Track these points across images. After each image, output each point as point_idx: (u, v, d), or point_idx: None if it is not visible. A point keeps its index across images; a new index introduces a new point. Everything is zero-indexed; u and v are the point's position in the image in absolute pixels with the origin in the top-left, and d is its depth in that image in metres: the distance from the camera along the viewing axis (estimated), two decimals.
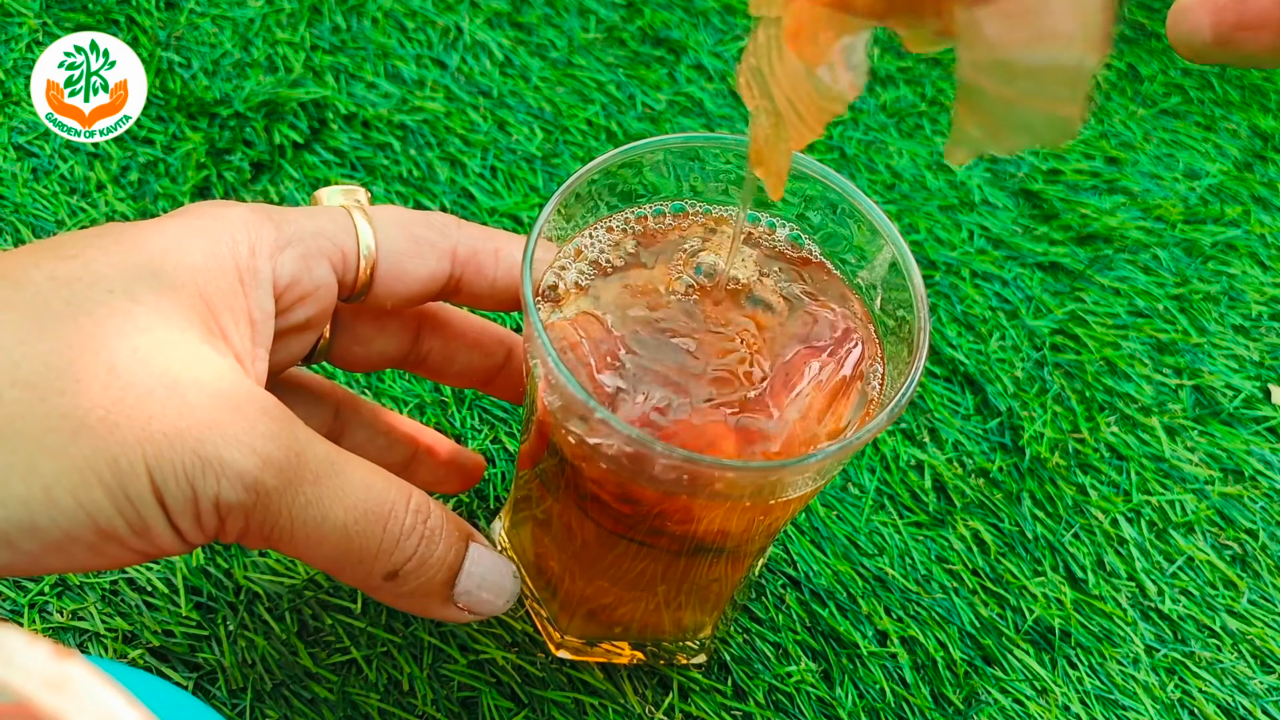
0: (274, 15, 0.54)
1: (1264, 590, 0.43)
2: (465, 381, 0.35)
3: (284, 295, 0.27)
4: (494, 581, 0.28)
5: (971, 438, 0.45)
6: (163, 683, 0.32)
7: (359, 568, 0.26)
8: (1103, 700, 0.40)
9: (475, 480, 0.36)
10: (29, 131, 0.48)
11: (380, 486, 0.26)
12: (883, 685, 0.39)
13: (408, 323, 0.32)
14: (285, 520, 0.24)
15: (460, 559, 0.28)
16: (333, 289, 0.28)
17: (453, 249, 0.29)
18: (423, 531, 0.26)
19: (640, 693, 0.37)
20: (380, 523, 0.25)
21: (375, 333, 0.32)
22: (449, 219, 0.30)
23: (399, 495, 0.26)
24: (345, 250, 0.28)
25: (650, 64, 0.55)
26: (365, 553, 0.25)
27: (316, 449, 0.25)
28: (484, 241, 0.30)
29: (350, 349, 0.32)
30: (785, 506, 0.29)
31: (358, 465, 0.26)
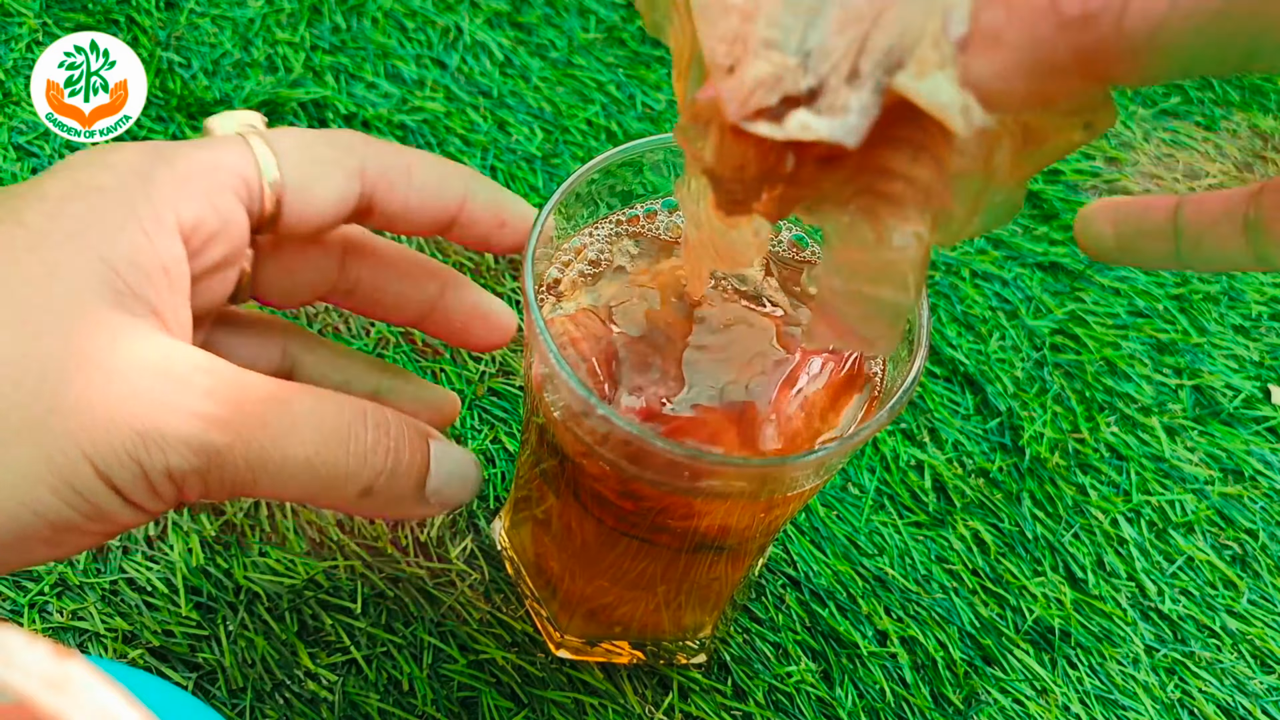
0: (274, 15, 0.54)
1: (1264, 590, 0.43)
2: (399, 317, 0.33)
3: (192, 237, 0.25)
4: (460, 473, 0.28)
5: (971, 438, 0.45)
6: (163, 682, 0.32)
7: (331, 494, 0.25)
8: (1102, 700, 0.40)
9: (450, 420, 0.35)
10: (29, 132, 0.49)
11: (333, 411, 0.25)
12: (883, 685, 0.39)
13: (331, 250, 0.31)
14: (244, 472, 0.23)
15: (426, 460, 0.27)
16: (243, 222, 0.26)
17: (360, 167, 0.28)
18: (387, 444, 0.26)
19: (640, 693, 0.37)
20: (343, 447, 0.25)
21: (298, 263, 0.30)
22: (355, 135, 0.28)
23: (355, 415, 0.25)
24: (248, 179, 0.26)
25: (650, 64, 0.55)
26: (334, 479, 0.25)
27: (258, 391, 0.24)
28: (395, 158, 0.28)
29: (275, 282, 0.30)
30: (785, 504, 0.29)
31: (306, 395, 0.25)
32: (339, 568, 0.39)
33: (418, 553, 0.39)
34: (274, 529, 0.39)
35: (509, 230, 0.31)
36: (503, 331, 0.34)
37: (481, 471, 0.29)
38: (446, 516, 0.40)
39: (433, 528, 0.40)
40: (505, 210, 0.30)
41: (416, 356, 0.44)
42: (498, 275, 0.47)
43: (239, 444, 0.23)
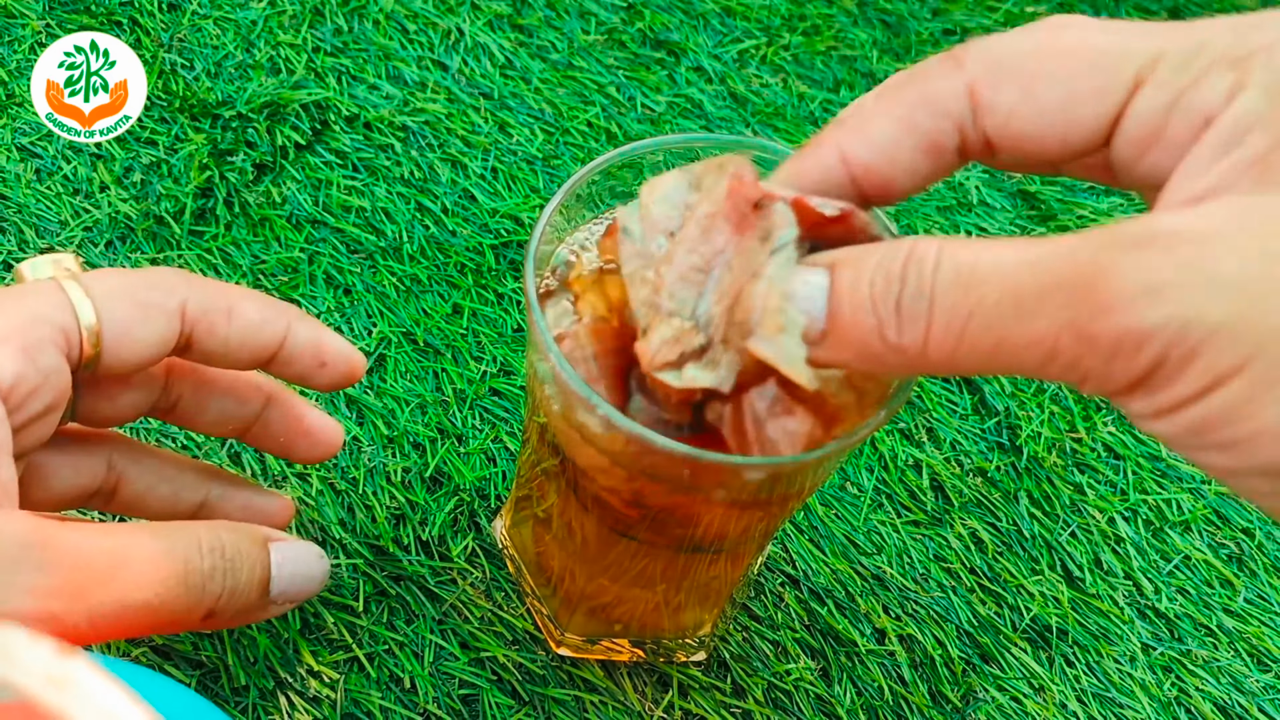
0: (276, 17, 0.54)
1: (1260, 589, 0.43)
2: (220, 430, 0.33)
3: (11, 395, 0.25)
4: (304, 572, 0.28)
5: (969, 437, 0.45)
6: (166, 680, 0.32)
7: (174, 623, 0.25)
8: (1100, 698, 0.40)
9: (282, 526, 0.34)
10: (32, 132, 0.49)
11: (167, 550, 0.25)
12: (881, 683, 0.39)
13: (155, 373, 0.31)
14: (86, 628, 0.23)
15: (267, 569, 0.27)
16: (63, 373, 0.26)
17: (181, 307, 0.28)
18: (224, 568, 0.26)
19: (640, 690, 0.38)
20: (181, 583, 0.25)
21: (119, 389, 0.30)
22: (176, 275, 0.29)
23: (189, 547, 0.25)
24: (67, 330, 0.26)
25: (650, 66, 0.56)
26: (177, 613, 0.25)
27: (93, 550, 0.24)
28: (216, 299, 0.29)
29: (96, 408, 0.30)
30: (784, 503, 0.29)
31: (141, 540, 0.25)
32: (341, 566, 0.39)
33: (419, 551, 0.40)
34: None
35: (328, 370, 0.31)
36: (327, 447, 0.34)
37: (327, 563, 0.30)
38: (448, 515, 0.40)
39: (434, 526, 0.40)
40: (325, 350, 0.31)
41: (418, 356, 0.44)
42: (498, 275, 0.47)
43: (79, 606, 0.23)
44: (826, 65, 0.57)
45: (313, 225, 0.48)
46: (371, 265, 0.47)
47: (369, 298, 0.46)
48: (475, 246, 0.48)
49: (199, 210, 0.47)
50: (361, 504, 0.40)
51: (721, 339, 0.23)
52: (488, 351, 0.45)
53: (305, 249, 0.47)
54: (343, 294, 0.46)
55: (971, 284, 0.19)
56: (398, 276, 0.46)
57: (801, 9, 0.59)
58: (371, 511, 0.40)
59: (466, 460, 0.42)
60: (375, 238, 0.47)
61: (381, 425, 0.42)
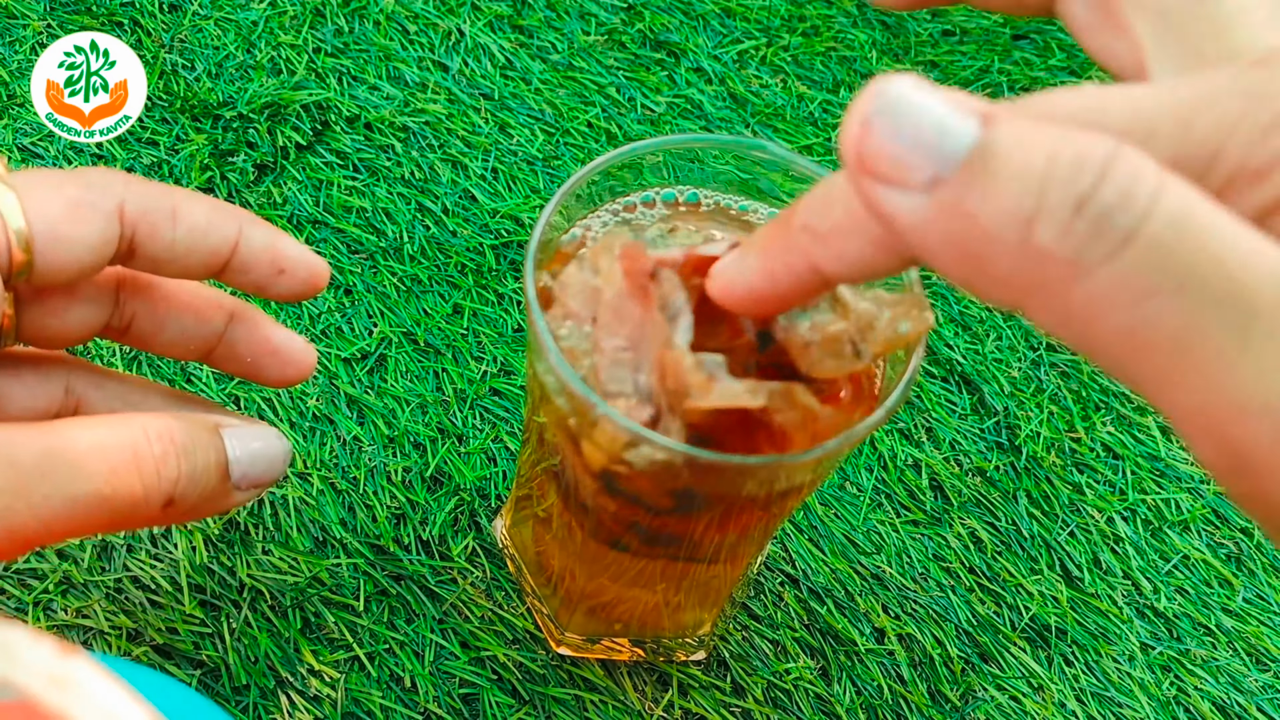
0: (277, 18, 0.54)
1: (1259, 588, 0.43)
2: (179, 352, 0.31)
3: None
4: (265, 452, 0.27)
5: (968, 437, 0.46)
6: (167, 679, 0.32)
7: (134, 516, 0.24)
8: (1099, 697, 0.40)
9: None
10: (33, 133, 0.49)
11: (111, 435, 0.24)
12: (880, 682, 0.39)
13: (102, 287, 0.29)
14: (37, 528, 0.23)
15: (223, 451, 0.26)
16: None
17: (119, 208, 0.26)
18: (176, 451, 0.25)
19: (640, 689, 0.38)
20: (133, 468, 0.24)
21: (66, 302, 0.28)
22: (111, 174, 0.26)
23: (135, 432, 0.24)
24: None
25: (650, 67, 0.56)
26: (133, 502, 0.24)
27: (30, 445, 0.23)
28: (159, 199, 0.27)
29: (42, 325, 0.28)
30: (783, 502, 0.29)
31: (80, 430, 0.24)
32: (342, 565, 0.39)
33: (420, 551, 0.40)
34: (277, 527, 0.39)
35: (287, 277, 0.29)
36: (298, 367, 0.32)
37: (287, 442, 0.28)
38: (448, 515, 0.41)
39: (434, 526, 0.40)
40: (282, 256, 0.29)
41: (419, 356, 0.44)
42: (499, 275, 0.47)
43: (21, 504, 0.22)
44: (826, 66, 0.57)
45: (314, 225, 0.48)
46: (372, 265, 0.47)
47: (369, 298, 0.46)
48: (476, 247, 0.48)
49: None
50: (362, 503, 0.40)
51: (667, 407, 0.24)
52: (488, 351, 0.45)
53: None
54: (343, 294, 0.46)
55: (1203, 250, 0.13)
56: (398, 277, 0.47)
57: (801, 10, 0.59)
58: (372, 511, 0.40)
59: (467, 460, 0.42)
60: (376, 238, 0.48)
61: (382, 425, 0.42)
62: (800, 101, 0.56)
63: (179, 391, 0.32)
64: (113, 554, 0.38)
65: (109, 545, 0.39)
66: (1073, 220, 0.14)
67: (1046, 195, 0.14)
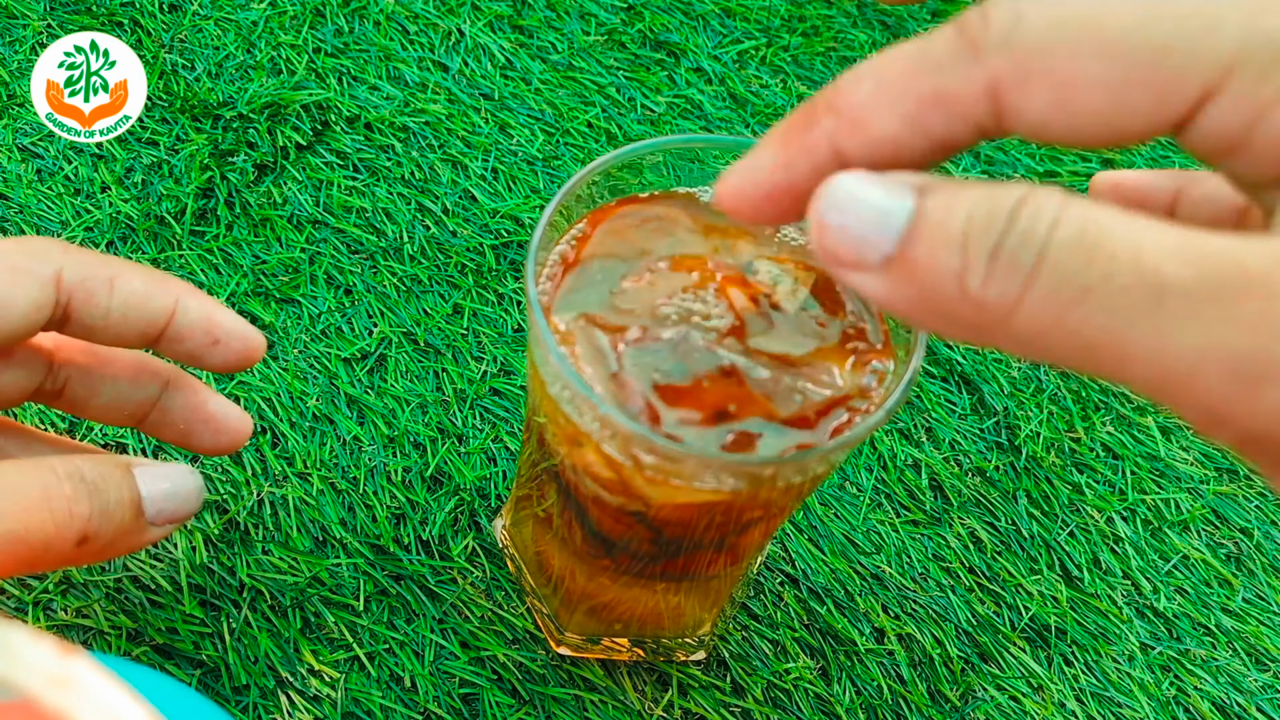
0: (277, 18, 0.54)
1: (1259, 588, 0.43)
2: (114, 417, 0.31)
3: None
4: (178, 490, 0.28)
5: (968, 437, 0.46)
6: (167, 679, 0.32)
7: (49, 555, 0.25)
8: (1098, 697, 0.40)
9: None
10: (33, 133, 0.49)
11: (21, 476, 0.25)
12: (880, 682, 0.39)
13: (38, 351, 0.29)
14: None
15: (135, 490, 0.27)
16: None
17: (56, 275, 0.27)
18: (87, 489, 0.25)
19: (640, 689, 0.38)
20: (44, 508, 0.24)
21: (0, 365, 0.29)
22: (52, 243, 0.27)
23: (45, 473, 0.25)
24: None
25: (650, 67, 0.56)
26: (46, 539, 0.24)
27: None
28: (97, 268, 0.27)
29: None
30: (782, 503, 0.29)
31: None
32: (342, 565, 0.39)
33: (420, 551, 0.40)
34: (277, 527, 0.39)
35: (221, 348, 0.29)
36: (232, 436, 0.32)
37: (199, 477, 0.29)
38: (448, 515, 0.41)
39: (434, 526, 0.40)
40: (218, 327, 0.29)
41: (419, 356, 0.44)
42: (499, 275, 0.47)
43: None
44: (826, 66, 0.57)
45: (314, 225, 0.48)
46: (372, 265, 0.47)
47: (370, 298, 0.46)
48: (476, 247, 0.48)
49: (200, 210, 0.48)
50: (362, 503, 0.40)
51: None
52: (488, 351, 0.45)
53: (306, 249, 0.47)
54: (343, 294, 0.46)
55: (1099, 255, 0.15)
56: (398, 277, 0.47)
57: (801, 10, 0.59)
58: (372, 511, 0.40)
59: (467, 460, 0.42)
60: (376, 238, 0.48)
61: (382, 425, 0.42)
62: (800, 101, 0.56)
63: (101, 452, 0.32)
64: None
65: None
66: (990, 267, 0.16)
67: (967, 251, 0.16)
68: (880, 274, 0.17)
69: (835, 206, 0.17)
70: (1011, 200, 0.16)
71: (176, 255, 0.46)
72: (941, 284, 0.17)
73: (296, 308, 0.45)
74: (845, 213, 0.17)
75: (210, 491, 0.40)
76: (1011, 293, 0.16)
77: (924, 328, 0.19)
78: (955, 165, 0.54)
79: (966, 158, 0.55)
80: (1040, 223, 0.16)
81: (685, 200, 0.31)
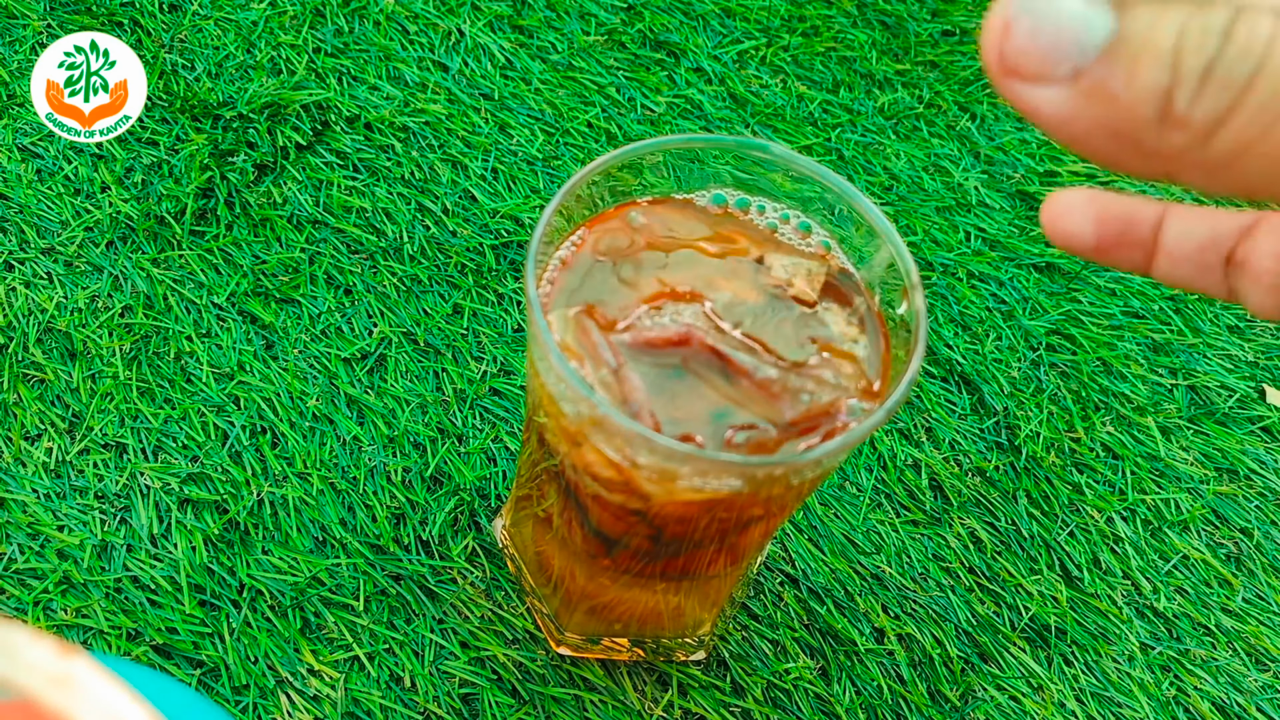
0: (277, 18, 0.54)
1: (1258, 588, 0.43)
2: None
3: None
4: None
5: (968, 437, 0.46)
6: (167, 679, 0.32)
7: None
8: (1098, 697, 0.40)
9: None
10: (33, 133, 0.49)
11: None
12: (880, 682, 0.39)
13: None
14: None
15: None
16: None
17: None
18: None
19: (640, 689, 0.38)
20: None
21: None
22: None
23: None
24: None
25: (650, 67, 0.56)
26: None
27: None
28: None
29: None
30: (782, 502, 0.29)
31: None
32: (341, 565, 0.39)
33: (420, 550, 0.40)
34: (277, 527, 0.39)
35: None
36: None
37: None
38: (448, 515, 0.41)
39: (434, 526, 0.40)
40: None
41: (419, 356, 0.44)
42: (499, 275, 0.47)
43: None
44: (826, 66, 0.57)
45: (313, 225, 0.48)
46: (372, 265, 0.47)
47: (369, 298, 0.46)
48: (476, 247, 0.48)
49: (200, 210, 0.48)
50: (362, 503, 0.40)
51: None
52: (488, 351, 0.45)
53: (306, 249, 0.47)
54: (343, 294, 0.46)
55: None
56: (398, 277, 0.47)
57: (801, 10, 0.59)
58: (372, 511, 0.40)
59: (466, 460, 0.42)
60: (376, 238, 0.48)
61: (382, 425, 0.42)
62: (800, 101, 0.56)
63: None
64: (113, 554, 0.38)
65: (109, 545, 0.39)
66: (1203, 84, 0.16)
67: (1179, 68, 0.16)
68: (1066, 88, 0.16)
69: (1028, 8, 0.16)
70: (1225, 15, 0.16)
71: (176, 255, 0.46)
72: (1140, 101, 0.16)
73: (296, 308, 0.45)
74: (1039, 16, 0.16)
75: (210, 491, 0.40)
76: (1219, 109, 0.16)
77: (1095, 153, 0.18)
78: (956, 166, 0.54)
79: (967, 157, 0.55)
80: (1258, 37, 0.16)
81: (684, 204, 0.31)
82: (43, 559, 0.38)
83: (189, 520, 0.39)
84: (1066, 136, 0.17)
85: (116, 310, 0.44)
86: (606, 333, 0.28)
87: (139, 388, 0.42)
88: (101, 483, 0.40)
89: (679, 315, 0.28)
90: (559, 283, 0.29)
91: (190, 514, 0.39)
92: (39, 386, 0.42)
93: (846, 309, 0.29)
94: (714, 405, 0.27)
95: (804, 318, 0.29)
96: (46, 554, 0.38)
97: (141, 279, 0.45)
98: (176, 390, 0.42)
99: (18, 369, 0.42)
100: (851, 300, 0.30)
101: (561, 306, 0.28)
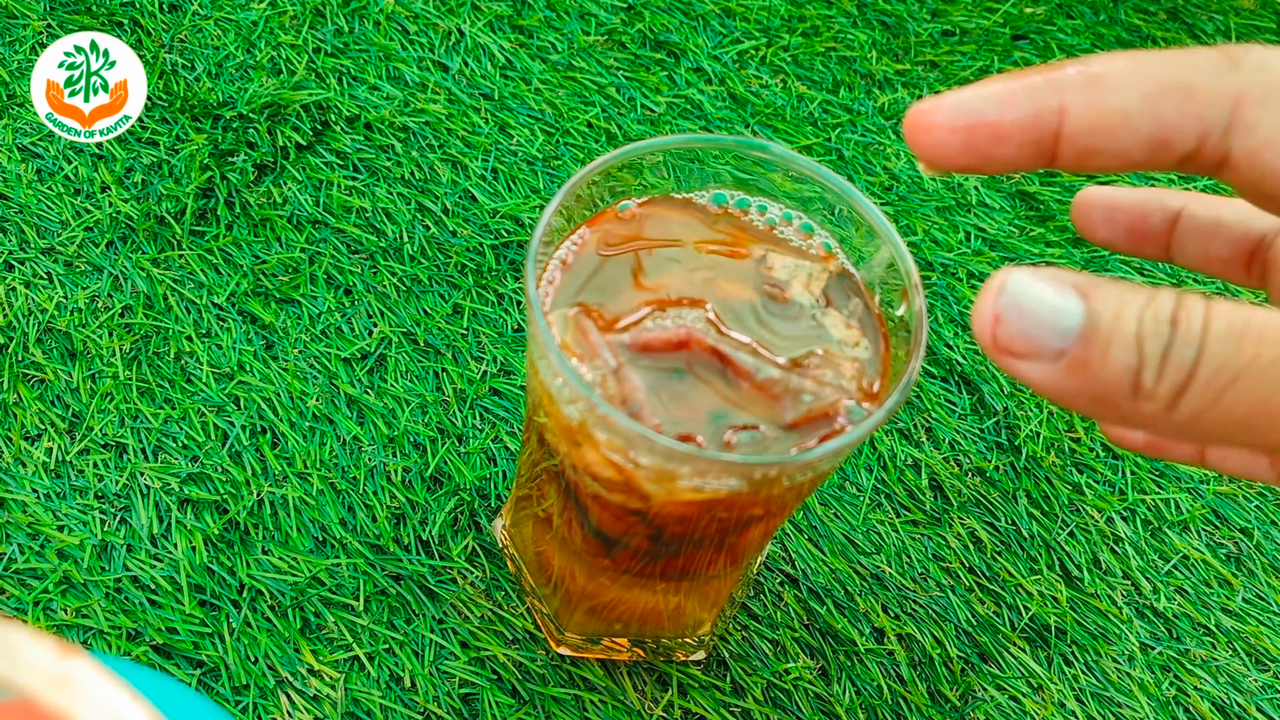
0: (277, 18, 0.54)
1: (1258, 588, 0.43)
2: None
3: None
4: None
5: (968, 437, 0.46)
6: (167, 679, 0.32)
7: None
8: (1098, 697, 0.40)
9: None
10: (33, 133, 0.49)
11: None
12: (880, 682, 0.39)
13: None
14: None
15: None
16: None
17: None
18: None
19: (640, 689, 0.38)
20: None
21: None
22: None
23: None
24: None
25: (650, 67, 0.56)
26: None
27: None
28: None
29: None
30: (782, 503, 0.29)
31: None
32: (341, 565, 0.39)
33: (419, 550, 0.40)
34: (277, 527, 0.39)
35: None
36: None
37: None
38: (448, 515, 0.41)
39: (434, 526, 0.40)
40: None
41: (419, 356, 0.44)
42: (499, 275, 0.47)
43: None
44: (826, 66, 0.57)
45: (313, 225, 0.48)
46: (372, 265, 0.47)
47: (369, 298, 0.46)
48: (476, 247, 0.48)
49: (200, 210, 0.48)
50: (362, 503, 0.40)
51: None
52: (488, 351, 0.45)
53: (306, 249, 0.47)
54: (343, 294, 0.46)
55: (1245, 341, 0.18)
56: (398, 277, 0.47)
57: (801, 10, 0.59)
58: (372, 511, 0.40)
59: (466, 460, 0.42)
60: (376, 238, 0.48)
61: (382, 425, 0.42)
62: (800, 101, 0.56)
63: None
64: (113, 554, 0.38)
65: (109, 545, 0.39)
66: (1163, 365, 0.18)
67: (1143, 351, 0.19)
68: (1052, 366, 0.19)
69: (1013, 302, 0.19)
70: (1170, 304, 0.19)
71: (176, 255, 0.46)
72: (1115, 378, 0.19)
73: (296, 308, 0.45)
74: (1023, 308, 0.19)
75: (210, 491, 0.40)
76: (1175, 385, 0.18)
77: (1081, 412, 0.21)
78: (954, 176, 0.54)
79: None
80: (1194, 322, 0.18)
81: (684, 204, 0.31)
82: (43, 559, 0.38)
83: (189, 520, 0.39)
84: (1055, 400, 0.20)
85: (116, 310, 0.44)
86: (606, 333, 0.28)
87: (139, 388, 0.42)
88: (101, 483, 0.40)
89: (680, 316, 0.28)
90: (559, 283, 0.29)
91: (190, 514, 0.39)
92: (39, 386, 0.42)
93: (846, 310, 0.29)
94: (714, 406, 0.27)
95: (804, 319, 0.29)
96: (46, 554, 0.38)
97: (141, 279, 0.45)
98: (176, 390, 0.42)
99: (18, 369, 0.42)
100: (851, 301, 0.30)
101: (561, 306, 0.28)
